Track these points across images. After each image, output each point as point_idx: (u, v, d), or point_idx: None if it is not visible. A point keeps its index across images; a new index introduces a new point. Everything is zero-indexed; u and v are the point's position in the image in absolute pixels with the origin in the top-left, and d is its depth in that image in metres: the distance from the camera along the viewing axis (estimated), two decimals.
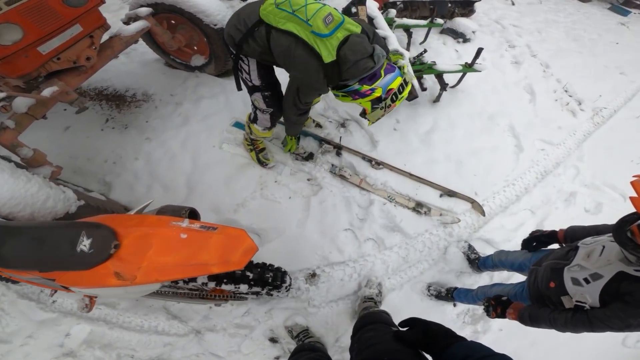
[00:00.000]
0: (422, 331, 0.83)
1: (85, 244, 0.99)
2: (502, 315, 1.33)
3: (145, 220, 1.10)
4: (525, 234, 2.38)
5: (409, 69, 1.62)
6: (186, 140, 2.40)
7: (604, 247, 1.12)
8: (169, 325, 1.94)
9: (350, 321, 2.00)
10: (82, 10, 1.69)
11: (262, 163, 2.33)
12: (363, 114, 1.74)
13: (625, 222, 1.00)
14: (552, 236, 1.50)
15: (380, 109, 1.62)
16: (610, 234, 1.08)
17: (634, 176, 0.99)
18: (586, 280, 1.08)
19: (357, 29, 1.47)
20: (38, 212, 1.44)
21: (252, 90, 1.81)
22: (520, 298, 1.44)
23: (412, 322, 0.87)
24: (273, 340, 1.95)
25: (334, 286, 2.06)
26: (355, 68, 1.45)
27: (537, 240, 1.55)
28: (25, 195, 1.40)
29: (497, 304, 1.35)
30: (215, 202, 2.20)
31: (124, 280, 1.00)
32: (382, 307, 2.02)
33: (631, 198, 0.95)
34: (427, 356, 0.84)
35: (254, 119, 2.03)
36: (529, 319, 1.22)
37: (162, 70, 2.77)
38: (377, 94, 1.52)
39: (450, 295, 2.05)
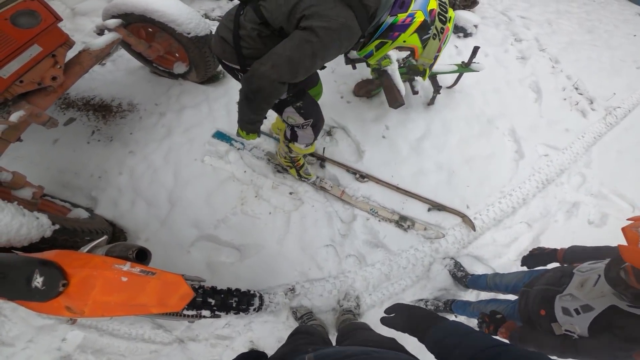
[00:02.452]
0: (406, 315, 0.86)
1: (38, 281, 1.07)
2: (495, 333, 1.32)
3: (91, 262, 1.15)
4: (518, 248, 2.33)
5: None
6: (169, 154, 2.39)
7: (599, 276, 1.08)
8: (154, 334, 2.02)
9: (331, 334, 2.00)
10: (36, 30, 1.65)
11: (303, 179, 2.28)
12: (409, 69, 1.50)
13: (618, 260, 0.97)
14: (552, 255, 1.47)
15: (433, 38, 1.34)
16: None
17: (628, 219, 0.94)
18: (577, 311, 1.07)
19: None
20: (14, 239, 1.49)
21: (280, 106, 1.58)
22: (514, 318, 1.42)
23: (397, 308, 0.90)
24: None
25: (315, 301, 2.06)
26: None
27: (536, 258, 1.52)
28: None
29: (490, 321, 1.34)
30: (196, 217, 2.20)
31: (74, 313, 1.09)
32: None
33: (620, 246, 0.90)
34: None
35: (292, 138, 1.81)
36: (519, 340, 1.22)
37: (147, 78, 2.75)
38: (419, 18, 1.26)
39: (449, 307, 2.02)
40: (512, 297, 1.72)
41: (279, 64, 1.18)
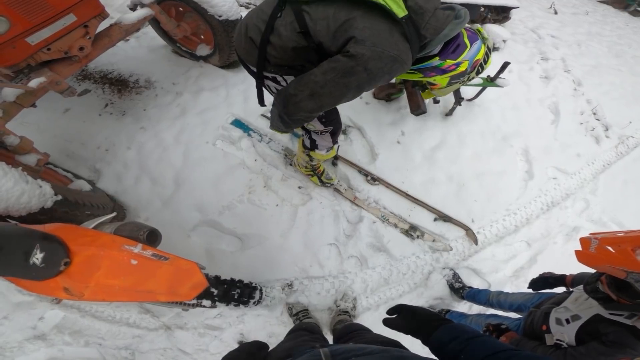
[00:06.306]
0: (409, 316, 0.84)
1: (37, 257, 0.98)
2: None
3: (98, 240, 1.07)
4: (515, 265, 2.34)
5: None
6: (180, 134, 2.36)
7: None
8: (140, 318, 1.97)
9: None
10: None
11: (326, 184, 2.25)
12: (415, 84, 1.50)
13: (598, 275, 1.12)
14: (560, 279, 1.53)
15: (460, 83, 1.38)
16: None
17: (590, 234, 1.07)
18: (567, 321, 1.18)
19: None
20: (12, 207, 1.41)
21: None
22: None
23: (399, 309, 0.88)
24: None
25: (312, 299, 2.06)
26: (435, 20, 1.08)
27: (544, 282, 1.58)
28: (0, 190, 1.40)
29: (494, 329, 1.42)
30: (201, 201, 2.18)
31: (72, 296, 1.02)
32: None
33: (575, 251, 1.08)
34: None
35: (312, 146, 1.76)
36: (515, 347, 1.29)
37: (168, 57, 2.71)
38: (462, 68, 1.26)
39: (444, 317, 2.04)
40: (512, 314, 1.74)
41: (320, 95, 1.07)
